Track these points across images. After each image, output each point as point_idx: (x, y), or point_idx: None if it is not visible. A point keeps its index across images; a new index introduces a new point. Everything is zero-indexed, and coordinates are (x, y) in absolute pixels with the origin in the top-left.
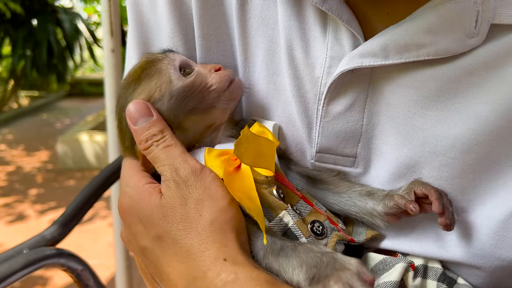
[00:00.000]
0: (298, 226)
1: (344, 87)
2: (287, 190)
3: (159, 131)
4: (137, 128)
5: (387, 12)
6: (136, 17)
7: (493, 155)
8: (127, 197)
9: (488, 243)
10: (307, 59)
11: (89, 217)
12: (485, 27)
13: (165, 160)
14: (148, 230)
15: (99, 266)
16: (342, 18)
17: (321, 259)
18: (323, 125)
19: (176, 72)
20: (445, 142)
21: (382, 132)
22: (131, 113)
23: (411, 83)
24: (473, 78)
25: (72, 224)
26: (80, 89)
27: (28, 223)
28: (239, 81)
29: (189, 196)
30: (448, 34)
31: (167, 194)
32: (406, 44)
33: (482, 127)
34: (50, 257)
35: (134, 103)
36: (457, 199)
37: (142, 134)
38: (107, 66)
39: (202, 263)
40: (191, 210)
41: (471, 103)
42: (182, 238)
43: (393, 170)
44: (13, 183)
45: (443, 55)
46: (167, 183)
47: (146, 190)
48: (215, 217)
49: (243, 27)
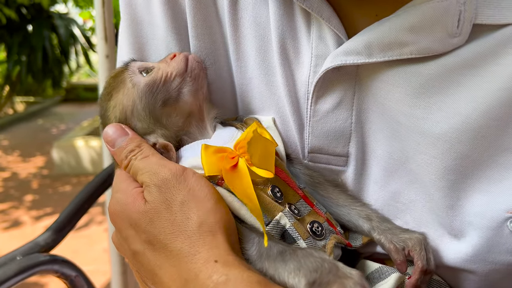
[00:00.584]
0: (295, 228)
1: (330, 85)
2: (288, 189)
3: (136, 146)
4: (116, 150)
5: (376, 14)
6: (130, 17)
7: (475, 155)
8: (115, 202)
9: (480, 249)
10: (297, 58)
11: (84, 223)
12: (467, 27)
13: (144, 169)
14: (139, 235)
15: (95, 272)
16: (322, 16)
17: (322, 264)
18: (313, 125)
19: (136, 76)
20: (426, 140)
21: (372, 129)
22: (108, 137)
23: (395, 80)
24: (455, 76)
25: (66, 230)
26: (75, 94)
27: (23, 229)
28: (194, 57)
29: (173, 199)
30: (430, 33)
31: (150, 199)
32: (389, 43)
33: (464, 126)
34: (43, 264)
35: (109, 127)
36: (440, 202)
37: (121, 153)
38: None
39: (194, 266)
40: (177, 213)
41: (453, 101)
42: (171, 242)
43: (386, 166)
44: (8, 189)
45: (425, 54)
46: (148, 189)
47: (131, 195)
48: (203, 219)
49: (235, 26)
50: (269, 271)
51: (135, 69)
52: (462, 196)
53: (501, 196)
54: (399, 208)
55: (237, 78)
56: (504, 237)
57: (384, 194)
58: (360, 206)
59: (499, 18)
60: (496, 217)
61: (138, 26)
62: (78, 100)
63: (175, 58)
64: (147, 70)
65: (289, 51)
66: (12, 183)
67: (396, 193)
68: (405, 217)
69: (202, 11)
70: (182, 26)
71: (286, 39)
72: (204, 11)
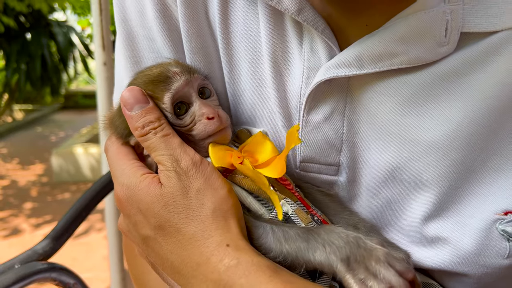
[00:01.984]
0: (297, 214)
1: (322, 97)
2: (285, 191)
3: (156, 118)
4: (132, 114)
5: (366, 24)
6: (125, 31)
7: (468, 161)
8: (125, 188)
9: (471, 252)
10: (288, 70)
11: (84, 230)
12: (455, 36)
13: (164, 150)
14: (148, 220)
15: (94, 279)
16: (317, 29)
17: (348, 239)
18: (305, 135)
19: (170, 104)
20: (420, 148)
21: (363, 139)
22: (126, 99)
23: (386, 90)
24: (445, 84)
25: (64, 238)
26: (74, 101)
27: (23, 237)
28: (226, 129)
29: (190, 187)
30: (419, 43)
31: (168, 184)
32: (379, 54)
33: (455, 133)
34: (41, 272)
35: (129, 89)
36: (435, 207)
37: (138, 120)
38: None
39: (206, 249)
40: (192, 200)
41: (444, 109)
42: (185, 226)
43: (377, 175)
44: (7, 197)
45: (415, 64)
46: (168, 173)
47: (144, 181)
48: (216, 205)
49: (226, 40)
50: (290, 254)
51: (174, 95)
52: (456, 200)
53: (491, 198)
54: (393, 215)
55: (229, 90)
56: (493, 239)
57: (377, 202)
58: (348, 215)
59: (486, 26)
60: (485, 218)
61: (134, 40)
62: (76, 107)
63: (209, 122)
64: (181, 106)
65: (280, 63)
66: (11, 191)
67: (389, 201)
68: (399, 222)
69: (195, 26)
70: (178, 39)
71: (277, 51)
72: (197, 26)
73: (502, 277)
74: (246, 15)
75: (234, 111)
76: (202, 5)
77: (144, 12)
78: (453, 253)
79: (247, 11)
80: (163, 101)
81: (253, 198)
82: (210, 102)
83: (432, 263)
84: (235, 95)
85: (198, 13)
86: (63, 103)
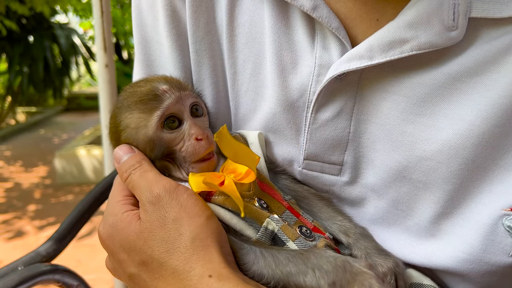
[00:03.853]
0: (283, 231)
1: (332, 95)
2: (273, 201)
3: (137, 161)
4: (120, 165)
5: (377, 19)
6: (140, 36)
7: (479, 160)
8: (108, 226)
9: (477, 248)
10: (295, 68)
11: (87, 232)
12: (463, 20)
13: (140, 184)
14: (132, 257)
15: (98, 280)
16: (331, 26)
17: (336, 263)
18: (311, 132)
19: (158, 121)
20: (433, 147)
21: (370, 139)
22: (116, 155)
23: (400, 90)
24: (459, 84)
25: (67, 240)
26: (77, 103)
27: (26, 239)
28: (213, 155)
29: (166, 216)
30: (428, 28)
31: (145, 218)
32: (389, 42)
33: (468, 132)
34: (45, 273)
35: (119, 147)
36: (446, 204)
37: (123, 167)
38: (101, 81)
39: (189, 283)
40: (170, 231)
41: (457, 109)
42: (166, 260)
43: (384, 176)
44: (11, 200)
45: (426, 49)
46: (144, 207)
47: (125, 219)
48: (195, 234)
49: (232, 42)
50: (282, 280)
51: (165, 112)
52: (466, 197)
53: (501, 195)
54: (399, 215)
55: (232, 92)
56: (499, 235)
57: (383, 202)
58: (341, 220)
59: (493, 12)
60: (492, 214)
61: (148, 45)
62: (79, 109)
63: (198, 143)
64: (173, 122)
65: (287, 63)
66: (15, 193)
67: (396, 201)
68: (406, 222)
69: (202, 28)
70: (186, 44)
71: (283, 51)
72: (203, 28)
73: (505, 276)
74: (252, 18)
75: (235, 113)
76: (211, 9)
77: (157, 17)
78: (459, 249)
79: (254, 14)
80: (152, 120)
81: (239, 218)
82: (201, 123)
83: (437, 261)
84: (237, 96)
85: (206, 16)
86: (66, 105)
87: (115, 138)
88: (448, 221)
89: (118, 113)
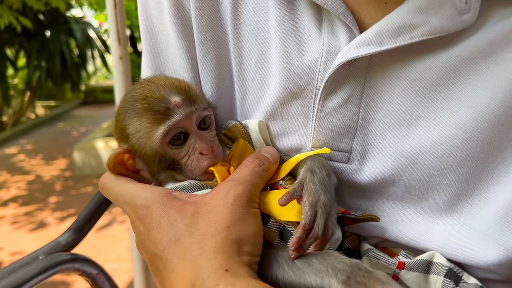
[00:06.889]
0: (292, 224)
1: (341, 82)
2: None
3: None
4: None
5: (385, 2)
6: (147, 27)
7: (495, 142)
8: (145, 207)
9: (493, 229)
10: (301, 56)
11: (107, 222)
12: (476, 3)
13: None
14: (166, 234)
15: (119, 270)
16: (338, 12)
17: (347, 263)
18: (319, 119)
19: (164, 136)
20: (448, 131)
21: (379, 126)
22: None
23: (411, 74)
24: (472, 65)
25: (85, 229)
26: (94, 97)
27: (48, 231)
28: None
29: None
30: (439, 12)
31: (203, 209)
32: (399, 27)
33: (483, 114)
34: (65, 262)
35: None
36: (461, 186)
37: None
38: (116, 73)
39: (204, 271)
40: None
41: (471, 91)
42: (198, 242)
43: (394, 163)
44: (33, 192)
45: (437, 34)
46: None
47: (176, 204)
48: (236, 233)
49: (237, 31)
50: (295, 281)
51: (172, 130)
52: (483, 179)
53: None
54: (413, 199)
55: (238, 81)
56: None
57: (396, 189)
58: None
59: None
60: (509, 195)
61: (154, 36)
62: (96, 103)
63: (201, 157)
64: (179, 139)
65: (292, 50)
66: (37, 185)
67: (408, 187)
68: (420, 204)
69: (206, 18)
70: (191, 34)
71: (288, 38)
72: (208, 18)
73: None
74: (256, 6)
75: (242, 102)
76: None
77: (162, 8)
78: (475, 228)
79: (258, 2)
80: (158, 133)
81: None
82: (208, 134)
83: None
84: (244, 86)
85: (210, 6)
86: (83, 98)
87: (119, 138)
88: (464, 202)
89: (126, 113)
